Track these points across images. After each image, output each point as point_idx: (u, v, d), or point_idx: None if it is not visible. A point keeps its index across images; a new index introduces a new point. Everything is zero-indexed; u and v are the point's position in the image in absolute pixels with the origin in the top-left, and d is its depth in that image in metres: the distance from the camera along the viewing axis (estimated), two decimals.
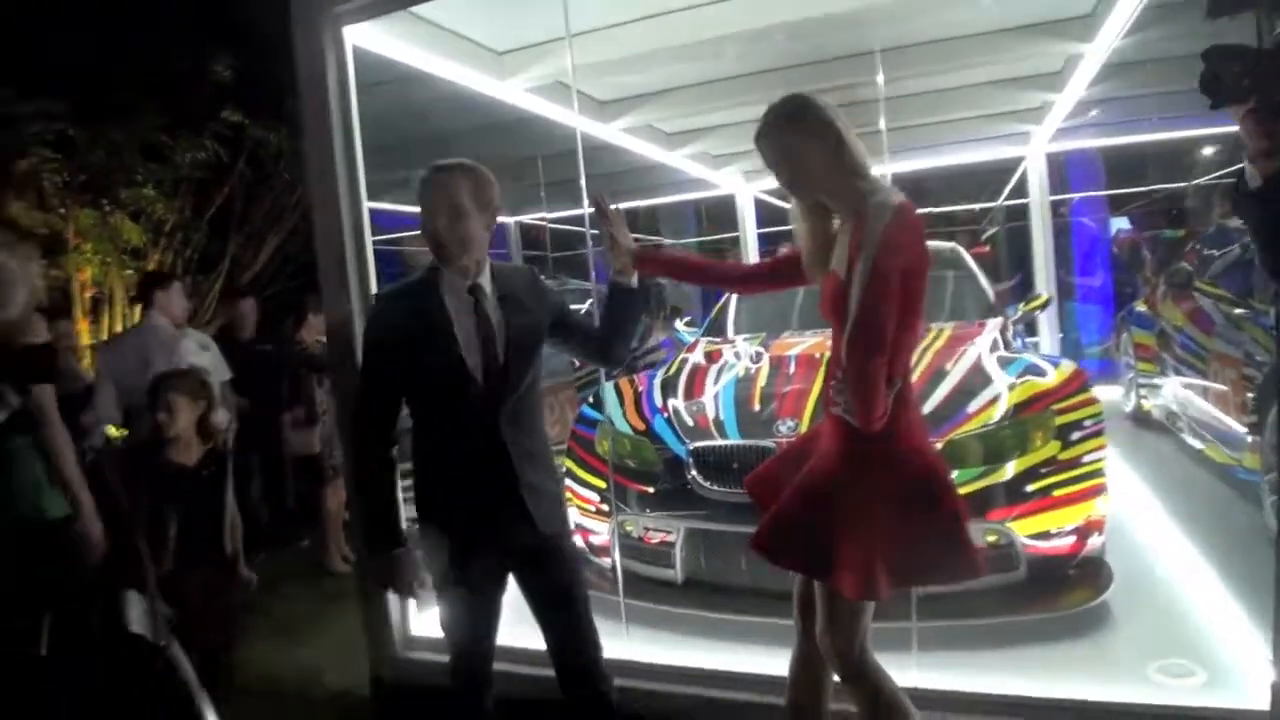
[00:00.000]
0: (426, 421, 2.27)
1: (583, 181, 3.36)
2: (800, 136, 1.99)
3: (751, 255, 8.82)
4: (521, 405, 2.25)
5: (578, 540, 3.58)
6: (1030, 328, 5.79)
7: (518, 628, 2.48)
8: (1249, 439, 3.71)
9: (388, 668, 3.18)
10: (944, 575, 2.09)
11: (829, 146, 1.96)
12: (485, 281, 2.23)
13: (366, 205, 3.10)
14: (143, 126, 6.58)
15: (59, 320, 5.10)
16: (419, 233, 2.33)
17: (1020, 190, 7.79)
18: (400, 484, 2.28)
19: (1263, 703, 2.21)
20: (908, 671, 2.44)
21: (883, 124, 3.19)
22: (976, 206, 10.50)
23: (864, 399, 1.83)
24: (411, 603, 2.96)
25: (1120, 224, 8.97)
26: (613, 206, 2.34)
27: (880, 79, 3.17)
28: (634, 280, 2.37)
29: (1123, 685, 2.46)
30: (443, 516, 2.24)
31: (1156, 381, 5.32)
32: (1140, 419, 5.72)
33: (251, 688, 3.59)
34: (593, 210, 2.39)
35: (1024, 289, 7.64)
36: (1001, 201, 9.43)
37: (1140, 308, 5.86)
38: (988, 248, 9.25)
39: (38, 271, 2.73)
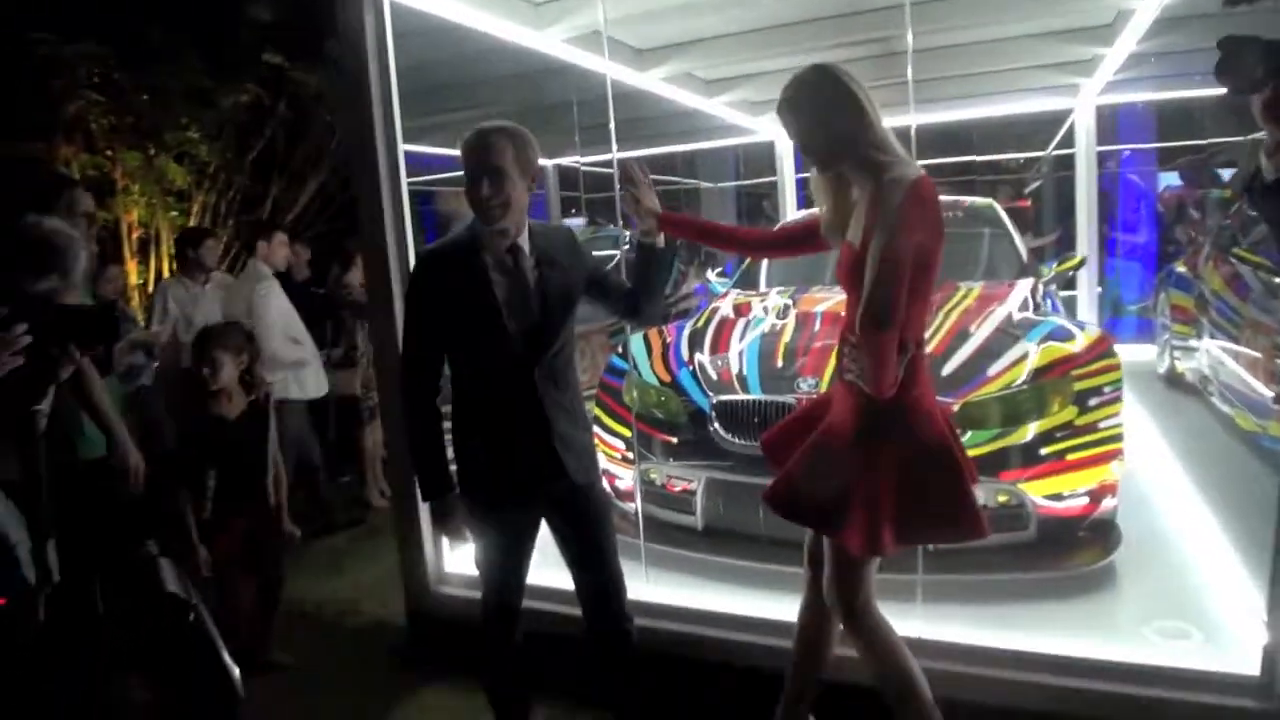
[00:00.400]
0: (466, 375, 2.37)
1: (612, 127, 3.41)
2: (822, 107, 2.02)
3: (790, 201, 8.77)
4: (556, 361, 2.35)
5: (605, 485, 3.72)
6: (1069, 283, 5.75)
7: (547, 568, 2.63)
8: (1275, 407, 3.71)
9: (422, 601, 3.35)
10: (948, 536, 2.19)
11: (850, 118, 2.00)
12: (524, 242, 2.31)
13: (403, 148, 3.16)
14: (185, 70, 6.68)
15: (109, 265, 5.28)
16: (454, 184, 2.41)
17: (1068, 142, 7.63)
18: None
19: (1253, 667, 2.28)
20: (911, 621, 2.55)
21: (910, 74, 3.17)
22: (1022, 157, 10.31)
23: (875, 370, 1.90)
24: (444, 540, 3.10)
25: (1170, 180, 8.76)
26: (639, 168, 2.39)
27: (909, 31, 3.13)
28: (659, 240, 2.44)
29: (1118, 644, 2.53)
30: (480, 465, 2.37)
31: (1191, 344, 5.28)
32: (1173, 381, 5.69)
33: (294, 617, 3.82)
34: (620, 174, 2.45)
35: (1065, 244, 7.54)
36: (1049, 151, 9.24)
37: (1180, 269, 5.79)
38: (1029, 201, 9.10)
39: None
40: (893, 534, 2.02)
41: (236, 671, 1.33)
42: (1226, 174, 7.48)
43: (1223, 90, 1.65)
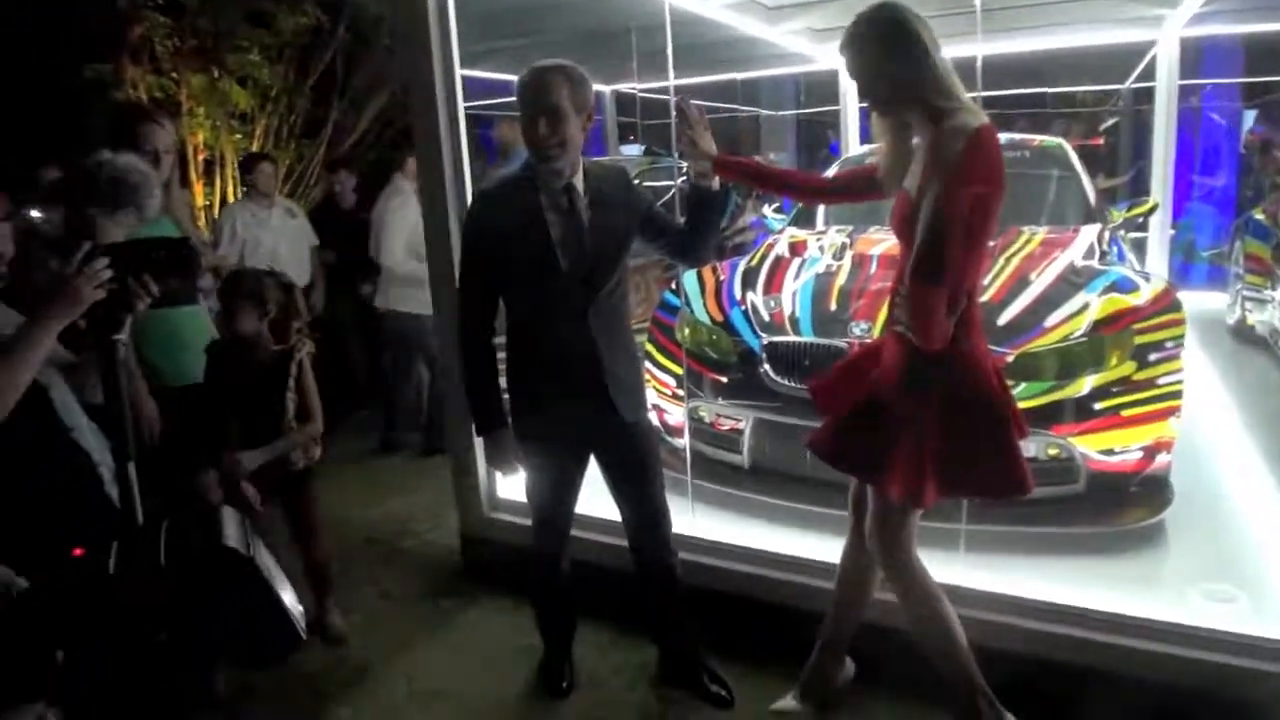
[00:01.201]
0: (520, 313, 2.43)
1: (669, 54, 3.36)
2: (883, 49, 1.97)
3: (852, 132, 8.54)
4: (609, 300, 2.39)
5: (653, 419, 3.78)
6: (1140, 225, 5.56)
7: (595, 499, 2.71)
8: None
9: (474, 526, 3.48)
10: (992, 491, 2.19)
11: (911, 61, 1.94)
12: (578, 181, 2.33)
13: (460, 72, 3.16)
14: None
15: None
16: (510, 110, 2.39)
17: (1148, 76, 7.27)
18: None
19: None
20: (953, 569, 2.58)
21: (978, 2, 3.05)
22: (1098, 89, 9.86)
23: (924, 324, 1.89)
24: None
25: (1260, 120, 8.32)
26: (696, 108, 2.37)
27: None
28: (714, 183, 2.42)
29: (1162, 603, 2.52)
30: (532, 401, 2.44)
31: (1264, 296, 5.10)
32: (1241, 333, 5.51)
33: (351, 535, 3.99)
34: (676, 113, 2.42)
35: (1139, 185, 7.25)
36: (1128, 85, 8.82)
37: (1259, 216, 5.55)
38: (1102, 139, 8.73)
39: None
40: (936, 486, 2.04)
41: (299, 613, 1.42)
42: None
43: None
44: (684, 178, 2.74)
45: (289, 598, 1.43)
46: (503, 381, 2.48)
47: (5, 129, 6.44)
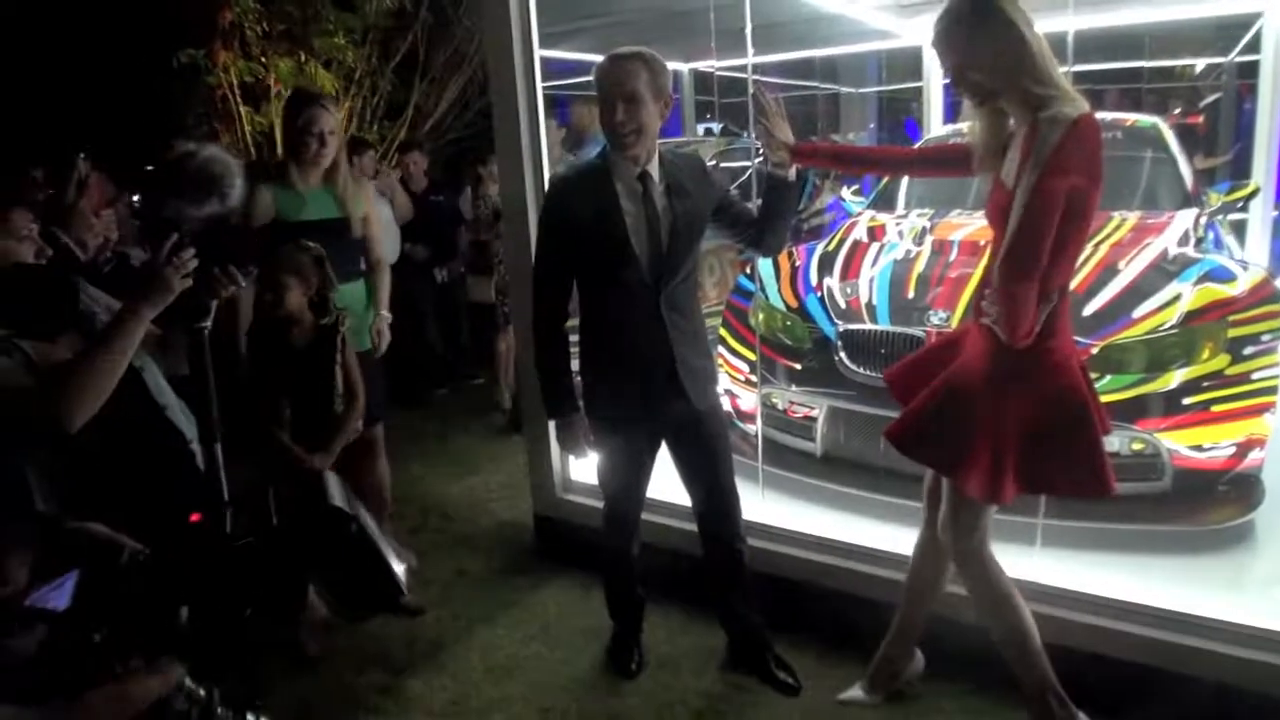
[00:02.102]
0: (594, 300, 2.46)
1: (749, 32, 3.36)
2: (976, 35, 1.92)
3: (936, 109, 8.33)
4: (682, 288, 2.41)
5: (726, 405, 3.79)
6: (1242, 207, 5.30)
7: (666, 485, 2.74)
8: None
9: (548, 506, 3.55)
10: (1072, 490, 2.14)
11: (1007, 48, 1.90)
12: (654, 169, 2.35)
13: (539, 53, 3.19)
14: None
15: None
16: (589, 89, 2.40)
17: (1254, 48, 6.88)
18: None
19: None
20: (1029, 562, 2.53)
21: None
22: (1199, 63, 9.39)
23: (1012, 319, 1.86)
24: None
25: None
26: (774, 100, 2.35)
27: None
28: (791, 173, 2.41)
29: (1246, 606, 2.43)
30: (604, 386, 2.48)
31: None
32: None
33: (430, 511, 4.12)
34: (752, 101, 2.41)
35: (1241, 164, 6.89)
36: (1231, 58, 8.37)
37: None
38: (1201, 117, 8.31)
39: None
40: (1015, 482, 2.01)
41: (400, 569, 1.49)
42: None
43: None
44: (760, 158, 2.73)
45: (391, 554, 1.51)
46: (575, 366, 2.52)
47: (102, 113, 6.73)
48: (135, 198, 5.27)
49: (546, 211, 2.46)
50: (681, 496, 2.71)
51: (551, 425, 2.58)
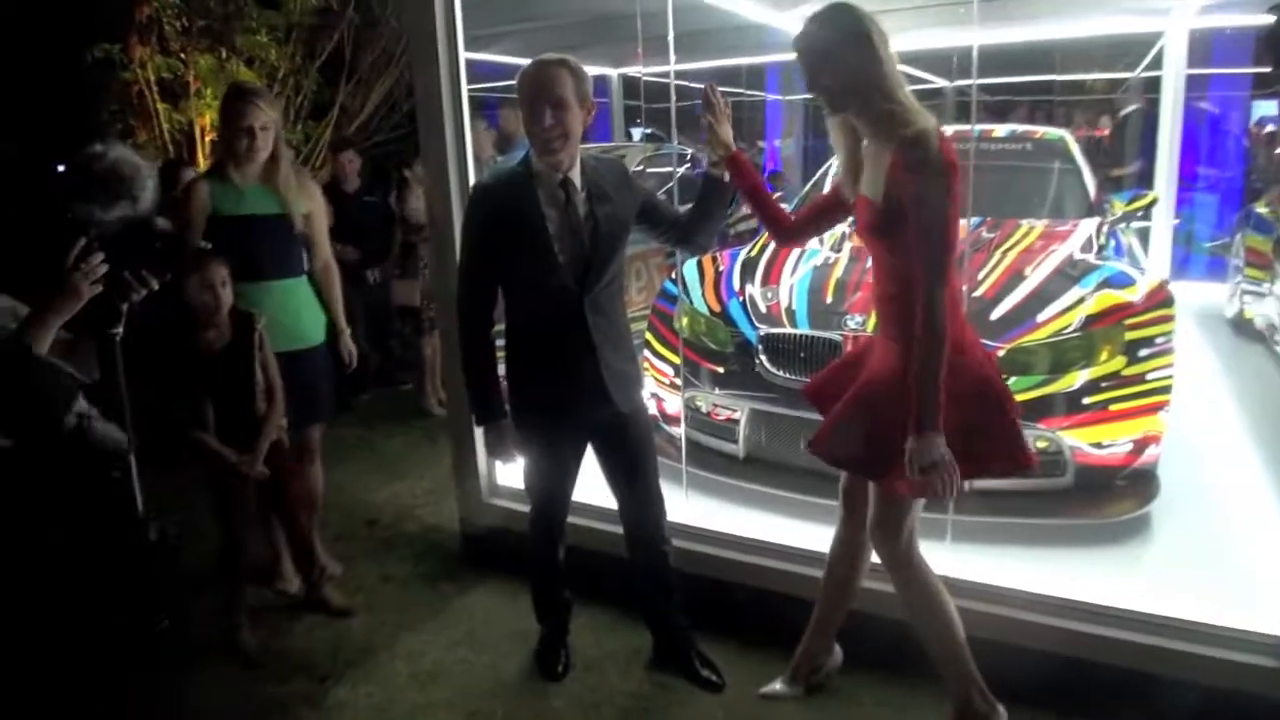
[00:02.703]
0: (518, 305, 2.47)
1: (670, 40, 3.42)
2: (833, 48, 2.00)
3: None
4: (606, 292, 2.43)
5: (652, 408, 3.83)
6: (1145, 214, 5.57)
7: (593, 488, 2.76)
8: None
9: (473, 511, 3.53)
10: (997, 471, 2.24)
11: (862, 63, 1.97)
12: (576, 175, 2.37)
13: (464, 55, 3.17)
14: None
15: (185, 167, 5.44)
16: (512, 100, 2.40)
17: (1158, 64, 7.23)
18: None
19: (1276, 626, 2.31)
20: (940, 558, 2.62)
21: None
22: (1105, 78, 9.79)
23: (939, 323, 1.93)
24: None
25: (1268, 110, 8.27)
26: (722, 98, 2.39)
27: None
28: (727, 175, 2.46)
29: (1144, 595, 2.56)
30: (530, 392, 2.49)
31: (1263, 290, 5.12)
32: (1240, 326, 5.53)
33: (355, 517, 4.06)
34: (701, 99, 2.43)
35: (1145, 174, 7.22)
36: (1137, 74, 8.76)
37: (1261, 209, 5.56)
38: (1107, 130, 8.68)
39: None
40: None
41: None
42: None
43: None
44: (685, 165, 2.77)
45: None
46: (501, 370, 2.53)
47: (6, 110, 6.47)
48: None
49: (469, 219, 2.46)
50: (608, 499, 2.74)
51: (479, 431, 2.58)
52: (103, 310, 1.74)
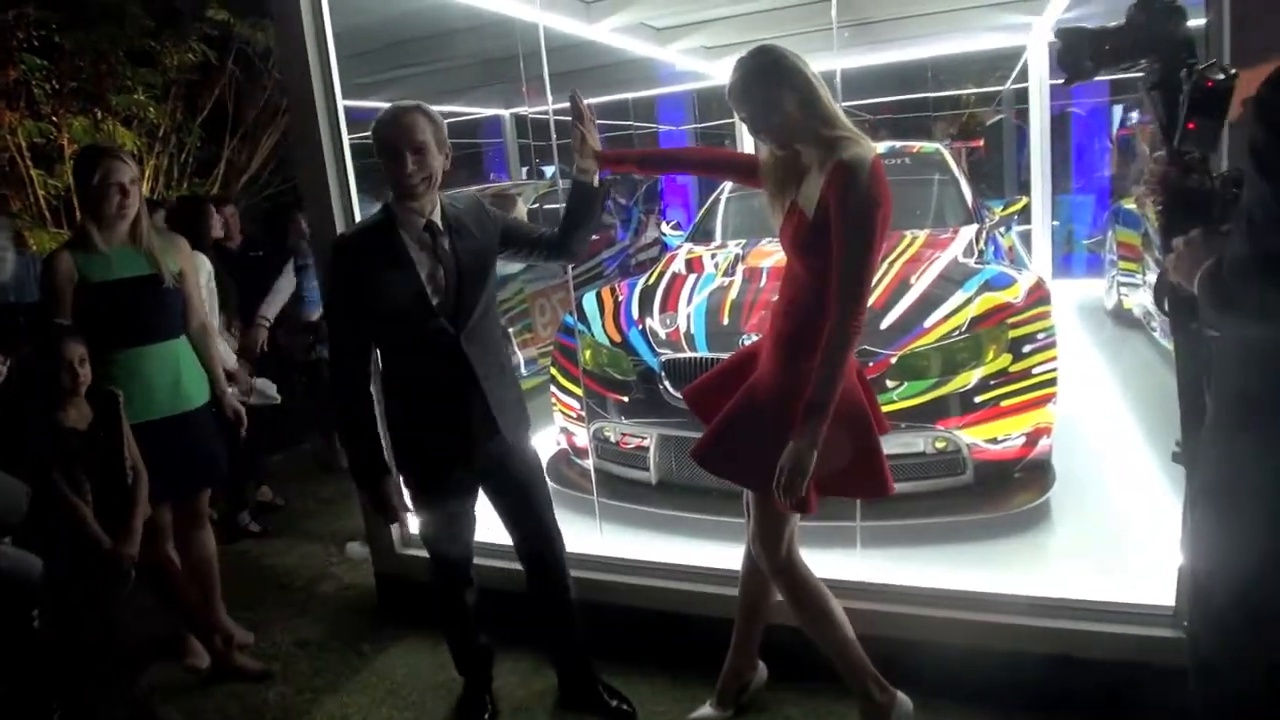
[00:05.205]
0: (395, 354, 2.44)
1: (546, 77, 3.44)
2: (772, 89, 2.06)
3: (748, 144, 8.77)
4: (482, 324, 2.42)
5: (562, 441, 3.82)
6: (1023, 216, 5.85)
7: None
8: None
9: (388, 564, 3.45)
10: (863, 491, 2.28)
11: (801, 97, 2.05)
12: (437, 217, 2.37)
13: (343, 103, 3.14)
14: (128, 31, 6.53)
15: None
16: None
17: (1025, 78, 7.65)
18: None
19: (1171, 598, 2.42)
20: (851, 564, 2.68)
21: (834, 13, 3.23)
22: (975, 92, 10.31)
23: (855, 337, 1.99)
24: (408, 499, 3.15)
25: (1132, 115, 8.82)
26: (587, 104, 2.42)
27: None
28: (595, 180, 2.49)
29: (1047, 580, 2.66)
30: (417, 439, 2.45)
31: (1136, 280, 5.42)
32: (1119, 316, 5.84)
33: (266, 583, 3.92)
34: (569, 106, 2.46)
35: (1022, 178, 7.59)
36: (1007, 87, 9.24)
37: (1129, 205, 5.90)
38: (982, 140, 9.15)
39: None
40: (815, 490, 2.12)
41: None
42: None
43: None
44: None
45: None
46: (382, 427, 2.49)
47: None
48: None
49: (335, 276, 2.39)
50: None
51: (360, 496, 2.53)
52: None
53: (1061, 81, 1.76)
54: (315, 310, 5.08)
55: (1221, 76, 1.51)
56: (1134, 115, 8.58)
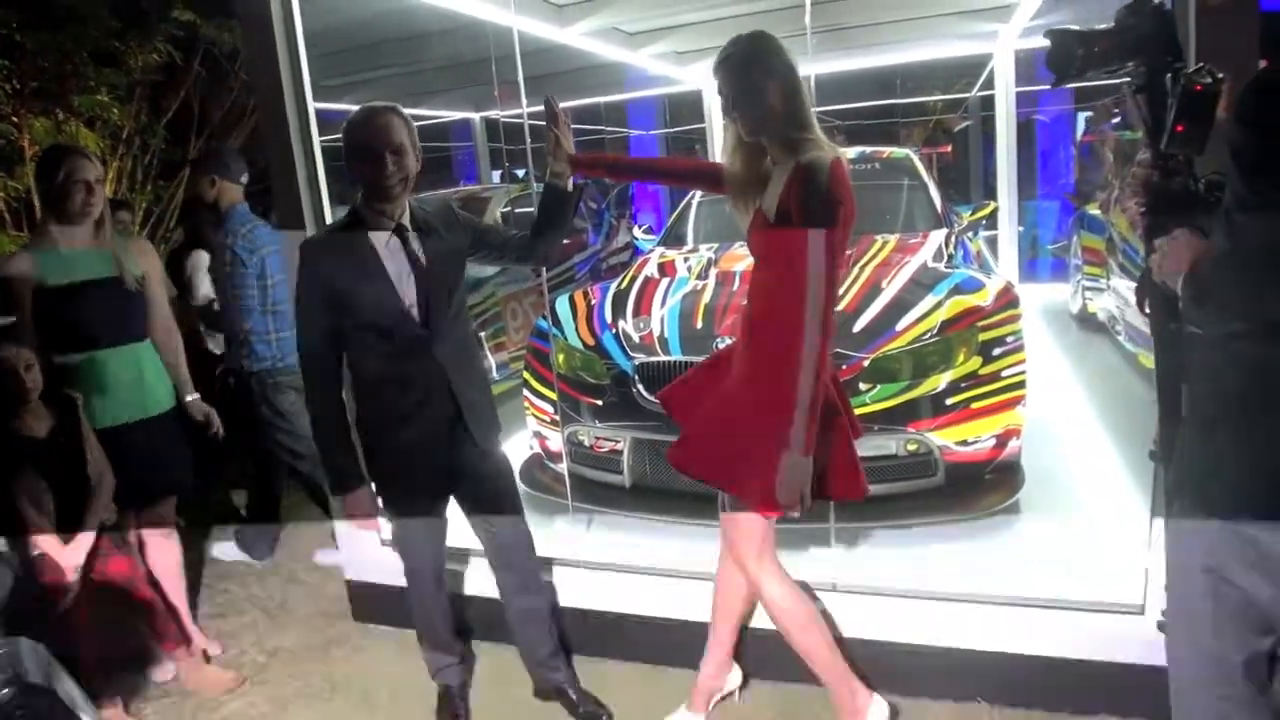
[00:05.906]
0: (366, 359, 2.41)
1: (520, 81, 3.42)
2: (759, 75, 2.06)
3: (719, 148, 8.81)
4: (453, 325, 2.42)
5: (536, 446, 3.81)
6: (991, 223, 5.92)
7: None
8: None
9: (360, 569, 3.41)
10: (837, 494, 2.29)
11: (783, 92, 2.06)
12: (407, 220, 2.36)
13: (313, 105, 3.11)
14: (92, 30, 6.41)
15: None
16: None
17: (992, 85, 7.75)
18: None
19: (1138, 595, 2.46)
20: (825, 566, 2.70)
21: (808, 19, 3.23)
22: (942, 99, 10.44)
23: (825, 347, 2.00)
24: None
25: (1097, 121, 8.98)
26: (561, 109, 2.42)
27: None
28: (569, 184, 2.49)
29: (1018, 578, 2.69)
30: (390, 445, 2.43)
31: (1101, 285, 5.51)
32: (1085, 320, 5.94)
33: (235, 591, 3.86)
34: (544, 110, 2.44)
35: (988, 186, 7.71)
36: (974, 93, 9.37)
37: (1093, 211, 5.99)
38: (950, 146, 9.26)
39: None
40: None
41: None
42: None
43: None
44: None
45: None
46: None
47: None
48: None
49: (305, 279, 2.36)
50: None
51: (335, 501, 2.51)
52: None
53: (1049, 84, 1.78)
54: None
55: (1210, 81, 1.54)
56: (1109, 124, 8.74)
